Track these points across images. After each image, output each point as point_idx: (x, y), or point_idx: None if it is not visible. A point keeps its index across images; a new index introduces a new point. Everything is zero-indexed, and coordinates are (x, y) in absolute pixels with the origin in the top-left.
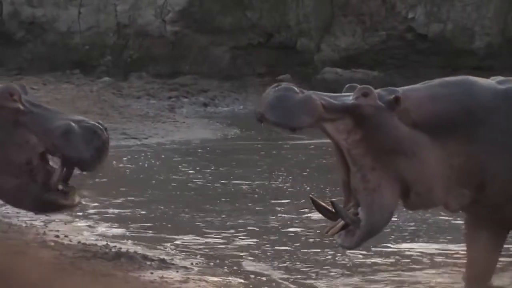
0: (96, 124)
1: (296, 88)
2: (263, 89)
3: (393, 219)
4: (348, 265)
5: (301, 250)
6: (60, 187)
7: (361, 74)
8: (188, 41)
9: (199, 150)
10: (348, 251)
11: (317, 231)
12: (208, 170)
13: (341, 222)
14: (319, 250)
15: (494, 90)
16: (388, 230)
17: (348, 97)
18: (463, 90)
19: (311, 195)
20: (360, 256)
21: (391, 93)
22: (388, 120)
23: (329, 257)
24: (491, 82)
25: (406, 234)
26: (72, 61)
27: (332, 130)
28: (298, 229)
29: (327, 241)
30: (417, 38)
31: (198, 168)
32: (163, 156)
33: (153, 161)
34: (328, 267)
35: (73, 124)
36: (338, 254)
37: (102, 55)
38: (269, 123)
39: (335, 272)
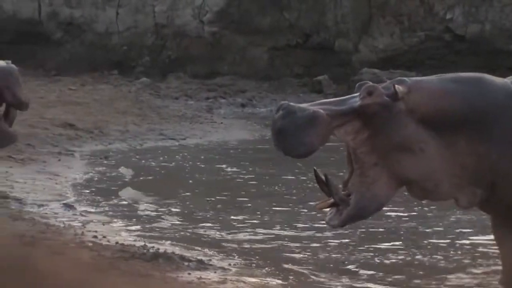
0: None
1: (298, 107)
2: (301, 89)
3: None
4: (392, 265)
5: (339, 251)
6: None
7: (399, 75)
8: (226, 42)
9: (237, 151)
10: (333, 229)
11: (356, 231)
12: (245, 171)
13: (331, 199)
14: (357, 249)
15: (508, 90)
16: None
17: (355, 98)
18: (476, 88)
19: (315, 168)
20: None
21: (399, 83)
22: (395, 116)
23: (369, 256)
24: (507, 81)
25: None
26: (110, 61)
27: (341, 134)
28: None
29: (365, 240)
30: (455, 39)
31: (235, 168)
32: (201, 157)
33: (191, 162)
34: (371, 267)
35: None
36: (376, 254)
37: (140, 55)
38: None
39: (378, 272)
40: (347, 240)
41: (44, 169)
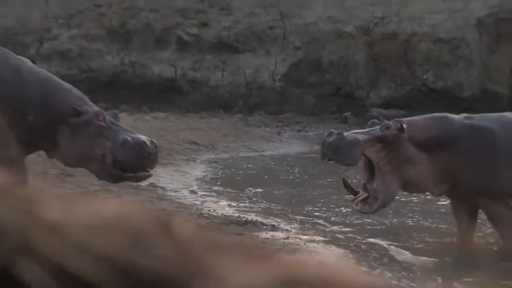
0: (146, 140)
1: (346, 134)
2: (334, 121)
3: None
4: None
5: (363, 220)
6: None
7: (394, 112)
8: (289, 92)
9: (295, 158)
10: (365, 215)
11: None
12: (301, 172)
13: (362, 196)
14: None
15: (462, 123)
16: None
17: (375, 130)
18: (444, 123)
19: (343, 177)
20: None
21: (397, 122)
22: (403, 142)
23: (428, 234)
24: (461, 117)
25: None
26: (218, 104)
27: (369, 152)
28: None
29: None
30: (429, 91)
31: (295, 170)
32: (273, 162)
33: (267, 165)
34: (429, 244)
35: (128, 138)
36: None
37: (236, 100)
38: (335, 161)
39: (434, 253)
40: (369, 220)
41: (178, 169)
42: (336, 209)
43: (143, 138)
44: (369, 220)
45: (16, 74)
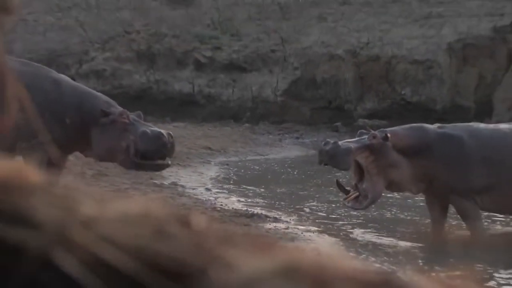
0: (163, 132)
1: (340, 143)
2: (326, 130)
3: None
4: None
5: (351, 214)
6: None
7: (377, 122)
8: (289, 105)
9: (294, 161)
10: (356, 211)
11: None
12: (299, 172)
13: (354, 195)
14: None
15: (436, 132)
16: None
17: (364, 139)
18: (421, 132)
19: (337, 179)
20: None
21: (382, 132)
22: (387, 149)
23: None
24: (435, 127)
25: None
26: (229, 115)
27: (359, 158)
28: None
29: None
30: (406, 104)
31: (294, 171)
32: (275, 164)
33: (271, 167)
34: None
35: (147, 130)
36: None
37: (244, 112)
38: (331, 166)
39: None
40: (355, 213)
41: (195, 170)
42: (328, 204)
43: (161, 130)
44: (356, 214)
45: (55, 87)
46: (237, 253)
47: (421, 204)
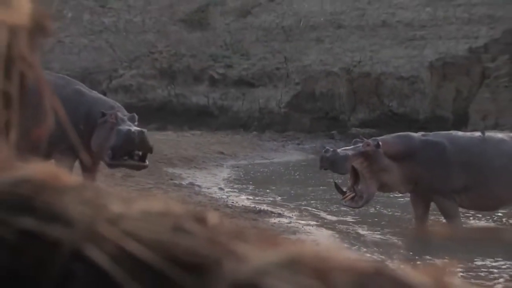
0: (134, 129)
1: (339, 150)
2: (324, 137)
3: None
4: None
5: (347, 212)
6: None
7: (368, 130)
8: (291, 116)
9: (296, 164)
10: (353, 209)
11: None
12: (300, 174)
13: (350, 195)
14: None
15: (420, 139)
16: None
17: (359, 147)
18: (407, 140)
19: (335, 182)
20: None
21: (375, 141)
22: (379, 156)
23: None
24: (419, 135)
25: None
26: (239, 124)
27: (355, 163)
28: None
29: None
30: (393, 115)
31: (296, 173)
32: (280, 166)
33: (276, 169)
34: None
35: (121, 128)
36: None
37: (252, 122)
38: (331, 171)
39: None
40: (349, 210)
41: (210, 172)
42: (325, 202)
43: (135, 128)
44: (349, 210)
45: (78, 97)
46: (247, 247)
47: (404, 201)
